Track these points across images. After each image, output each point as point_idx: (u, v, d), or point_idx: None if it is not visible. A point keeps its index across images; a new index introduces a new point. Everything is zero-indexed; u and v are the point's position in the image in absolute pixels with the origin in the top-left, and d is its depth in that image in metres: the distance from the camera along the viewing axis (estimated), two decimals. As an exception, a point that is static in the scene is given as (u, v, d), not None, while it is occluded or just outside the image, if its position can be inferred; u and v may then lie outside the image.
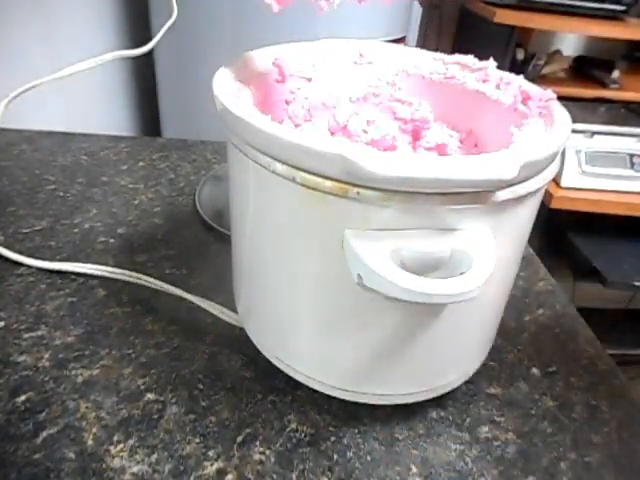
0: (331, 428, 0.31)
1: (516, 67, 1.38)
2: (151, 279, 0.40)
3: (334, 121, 0.31)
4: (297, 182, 0.24)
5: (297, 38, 0.37)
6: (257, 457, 0.29)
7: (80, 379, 0.33)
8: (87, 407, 0.31)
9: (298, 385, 0.32)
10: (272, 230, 0.28)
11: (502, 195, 0.23)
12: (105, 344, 0.36)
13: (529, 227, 0.29)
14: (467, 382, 0.35)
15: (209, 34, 1.05)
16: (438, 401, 0.33)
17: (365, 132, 0.30)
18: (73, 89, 0.86)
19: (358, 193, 0.23)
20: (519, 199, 0.24)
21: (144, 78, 1.20)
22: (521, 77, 0.33)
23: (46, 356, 0.34)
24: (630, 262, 1.19)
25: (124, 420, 0.31)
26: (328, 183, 0.23)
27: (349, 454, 0.30)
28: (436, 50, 0.38)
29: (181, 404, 0.32)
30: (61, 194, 0.52)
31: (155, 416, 0.31)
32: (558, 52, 1.53)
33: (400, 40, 0.97)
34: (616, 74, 1.45)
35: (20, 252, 0.43)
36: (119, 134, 0.68)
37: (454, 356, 0.31)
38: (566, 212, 1.18)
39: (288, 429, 0.31)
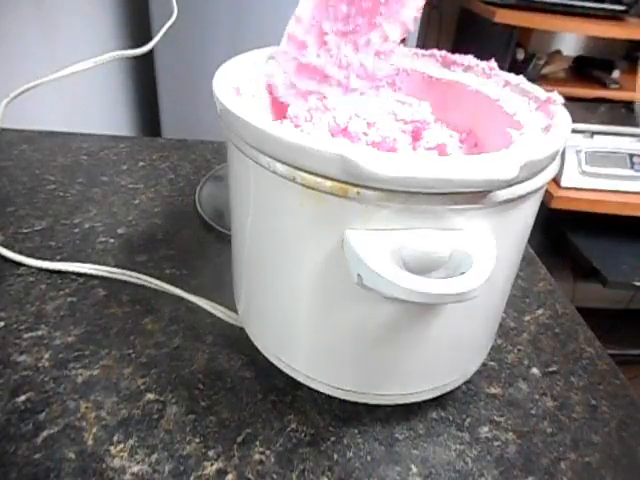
0: (331, 428, 0.32)
1: (516, 67, 1.38)
2: (151, 279, 0.40)
3: (334, 122, 0.31)
4: (297, 182, 0.24)
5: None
6: (257, 457, 0.29)
7: (80, 379, 0.33)
8: (87, 407, 0.31)
9: (298, 385, 0.32)
10: (272, 230, 0.28)
11: (502, 195, 0.23)
12: (105, 344, 0.36)
13: (529, 227, 0.29)
14: (467, 382, 0.35)
15: (209, 34, 1.05)
16: (438, 401, 0.33)
17: (365, 134, 0.30)
18: (73, 89, 0.87)
19: (358, 193, 0.23)
20: (519, 199, 0.24)
21: (144, 78, 1.20)
22: (521, 77, 0.33)
23: (46, 356, 0.34)
24: (630, 262, 1.19)
25: (124, 420, 0.31)
26: (328, 183, 0.23)
27: (349, 454, 0.30)
28: (436, 50, 0.38)
29: (181, 404, 0.32)
30: (61, 194, 0.52)
31: (155, 416, 0.31)
32: (558, 52, 1.53)
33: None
34: (616, 74, 1.45)
35: (20, 252, 0.43)
36: (119, 134, 0.68)
37: (454, 356, 0.31)
38: (566, 212, 1.18)
39: (288, 429, 0.31)
